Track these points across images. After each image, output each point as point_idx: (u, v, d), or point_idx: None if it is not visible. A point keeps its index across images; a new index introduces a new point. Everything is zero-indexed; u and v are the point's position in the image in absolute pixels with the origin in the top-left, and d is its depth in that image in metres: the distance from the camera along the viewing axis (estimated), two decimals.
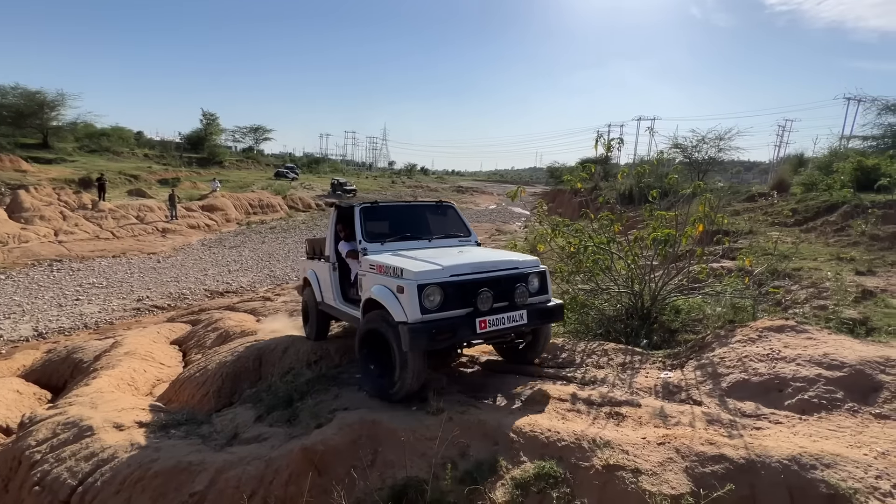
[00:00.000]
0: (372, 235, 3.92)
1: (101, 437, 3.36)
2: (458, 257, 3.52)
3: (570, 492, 2.36)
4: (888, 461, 2.03)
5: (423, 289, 3.02)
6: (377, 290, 3.32)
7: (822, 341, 3.11)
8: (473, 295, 3.17)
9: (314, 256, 5.22)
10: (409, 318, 3.02)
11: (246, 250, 16.84)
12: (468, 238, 4.42)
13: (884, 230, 7.46)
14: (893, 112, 17.92)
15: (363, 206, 4.08)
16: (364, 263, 3.67)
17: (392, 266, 3.30)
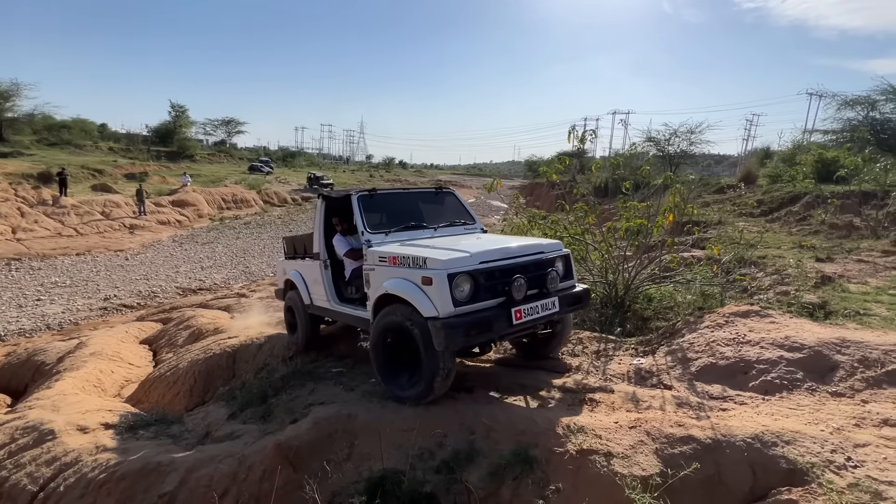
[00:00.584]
0: (374, 226, 3.55)
1: (64, 440, 3.22)
2: (480, 243, 3.21)
3: (545, 476, 2.40)
4: (842, 436, 2.13)
5: (454, 278, 2.73)
6: (394, 283, 3.00)
7: (784, 325, 3.24)
8: (505, 283, 2.91)
9: (296, 255, 4.81)
10: (440, 312, 2.71)
11: (219, 246, 16.41)
12: (473, 225, 4.08)
13: (841, 219, 7.82)
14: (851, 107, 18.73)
15: (361, 194, 3.70)
16: (371, 256, 3.32)
17: (412, 256, 2.97)
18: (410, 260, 2.98)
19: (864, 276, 4.53)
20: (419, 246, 3.26)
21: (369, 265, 3.33)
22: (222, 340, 5.40)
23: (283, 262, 5.15)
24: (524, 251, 3.16)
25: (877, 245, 5.78)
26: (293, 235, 5.13)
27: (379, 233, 3.51)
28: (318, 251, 4.12)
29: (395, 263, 3.08)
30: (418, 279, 2.85)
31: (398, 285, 2.97)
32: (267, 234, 18.96)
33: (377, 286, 3.19)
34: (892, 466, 1.91)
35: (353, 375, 3.80)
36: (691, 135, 21.61)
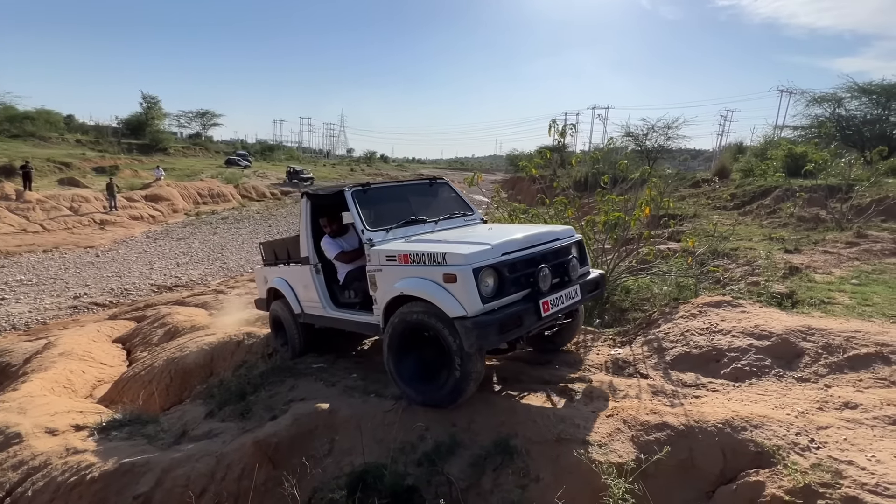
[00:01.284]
0: (372, 223, 3.30)
1: (32, 443, 3.12)
2: (496, 234, 3.01)
3: (525, 466, 2.43)
4: (807, 419, 2.23)
5: (479, 273, 2.56)
6: (411, 284, 2.78)
7: (754, 314, 3.35)
8: (529, 274, 2.78)
9: (277, 261, 4.48)
10: (468, 311, 2.53)
11: (196, 242, 16.00)
12: (472, 216, 3.89)
13: (809, 212, 8.12)
14: (819, 104, 19.42)
15: (355, 189, 3.44)
16: (375, 256, 3.08)
17: (427, 253, 2.76)
18: (426, 257, 2.76)
19: (829, 267, 4.72)
20: (430, 241, 3.08)
21: (374, 266, 3.08)
22: (199, 338, 5.28)
23: (262, 269, 4.81)
24: (542, 239, 3.01)
25: (841, 237, 6.02)
26: (272, 240, 4.75)
27: (379, 230, 3.27)
28: (308, 255, 3.83)
29: (407, 262, 2.86)
30: (439, 277, 2.65)
31: (416, 285, 2.76)
32: (245, 230, 18.58)
33: (386, 288, 2.97)
34: (851, 447, 2.00)
35: (334, 371, 3.77)
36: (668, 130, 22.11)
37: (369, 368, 3.88)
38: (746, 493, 1.97)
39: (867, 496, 1.73)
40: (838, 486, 1.79)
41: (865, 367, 2.59)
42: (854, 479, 1.80)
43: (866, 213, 7.11)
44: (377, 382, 3.42)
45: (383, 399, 3.09)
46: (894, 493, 1.71)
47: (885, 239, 5.65)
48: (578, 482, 2.26)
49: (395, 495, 2.43)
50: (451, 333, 2.60)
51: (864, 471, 1.84)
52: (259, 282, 4.93)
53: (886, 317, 3.18)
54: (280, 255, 4.45)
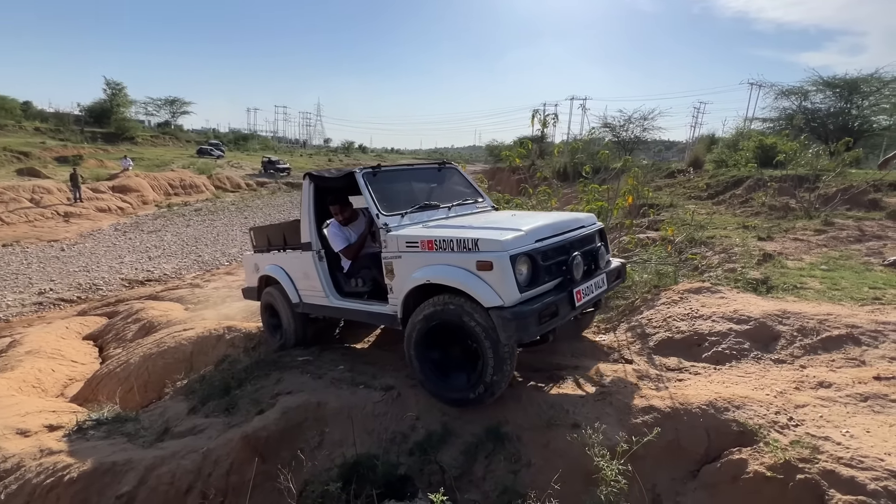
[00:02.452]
0: (386, 208, 3.11)
1: (2, 445, 2.97)
2: (521, 220, 2.86)
3: (516, 451, 2.47)
4: (785, 399, 2.33)
5: (516, 261, 2.43)
6: (439, 271, 2.63)
7: (733, 299, 3.47)
8: (562, 262, 2.68)
9: (271, 247, 4.25)
10: (505, 300, 2.40)
11: (168, 235, 15.48)
12: (483, 202, 3.74)
13: (779, 201, 8.41)
14: (787, 97, 20.10)
15: (365, 171, 3.27)
16: (393, 242, 2.91)
17: (455, 238, 2.60)
18: (454, 243, 2.60)
19: (800, 254, 4.92)
20: (455, 227, 2.92)
21: (392, 252, 2.91)
22: (177, 333, 5.13)
23: (252, 256, 4.57)
24: (570, 226, 2.92)
25: (810, 225, 6.27)
26: (265, 225, 4.54)
27: (394, 214, 3.08)
28: (310, 240, 3.62)
29: (432, 248, 2.69)
30: (471, 265, 2.50)
31: (444, 273, 2.60)
32: (220, 221, 18.08)
33: (406, 276, 2.81)
34: (827, 424, 2.10)
35: (321, 363, 3.72)
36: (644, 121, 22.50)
37: (356, 360, 3.84)
38: (730, 471, 2.05)
39: (843, 469, 1.82)
40: (816, 461, 1.88)
41: (837, 348, 2.71)
42: (830, 454, 1.89)
43: (832, 202, 7.42)
44: (365, 374, 3.39)
45: (372, 390, 3.08)
46: (868, 465, 1.81)
47: (850, 227, 5.92)
48: (569, 465, 2.31)
49: (389, 484, 2.43)
50: (484, 326, 2.47)
51: (839, 446, 1.93)
52: (248, 269, 4.67)
53: (854, 300, 3.33)
54: (274, 241, 4.22)
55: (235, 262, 12.18)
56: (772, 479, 1.91)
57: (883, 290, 3.51)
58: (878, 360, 2.54)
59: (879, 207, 7.10)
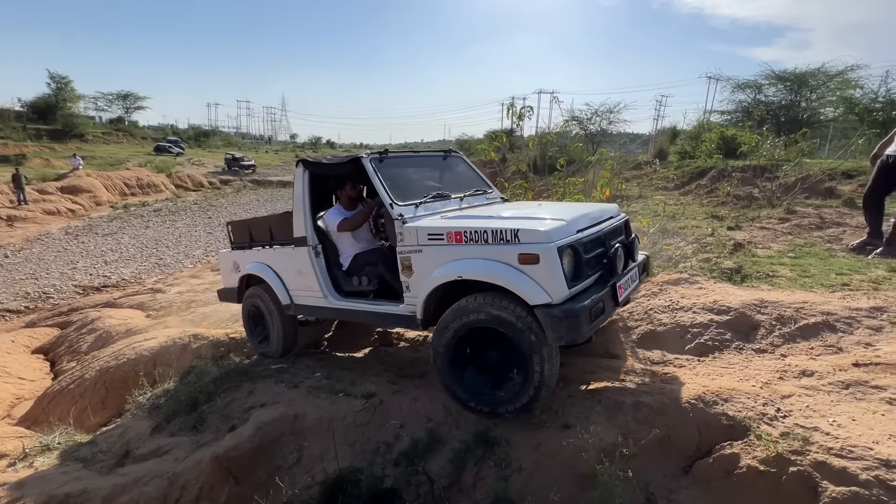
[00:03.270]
0: (400, 197, 2.86)
1: None
2: (553, 210, 2.67)
3: (507, 456, 2.38)
4: (770, 389, 2.34)
5: (562, 253, 2.22)
6: (471, 266, 2.40)
7: (711, 290, 3.50)
8: (602, 255, 2.52)
9: (253, 244, 3.92)
10: (553, 297, 2.18)
11: (125, 237, 14.63)
12: (493, 193, 3.56)
13: (743, 191, 8.71)
14: (743, 90, 20.99)
15: (373, 156, 3.03)
16: (411, 234, 2.65)
17: (491, 229, 2.37)
18: (489, 234, 2.36)
19: (768, 242, 5.06)
20: (482, 217, 2.67)
21: (410, 246, 2.65)
22: (138, 343, 4.80)
23: (230, 253, 4.17)
24: (602, 216, 2.77)
25: (773, 213, 6.50)
26: (247, 219, 4.17)
27: (408, 205, 2.83)
28: (305, 234, 3.33)
29: (461, 240, 2.46)
30: (511, 258, 2.27)
31: (481, 268, 2.36)
32: (182, 222, 17.25)
33: (428, 272, 2.56)
34: (814, 413, 2.11)
35: (296, 371, 3.54)
36: (610, 114, 23.02)
37: (334, 365, 3.68)
38: (723, 466, 2.03)
39: (834, 460, 1.82)
40: (808, 453, 1.88)
41: (815, 336, 2.76)
42: (821, 445, 1.90)
43: (792, 190, 7.73)
44: (343, 380, 3.24)
45: (353, 398, 2.93)
46: (858, 455, 1.81)
47: (810, 214, 6.16)
48: (561, 468, 2.25)
49: (374, 499, 2.30)
50: (529, 327, 2.26)
51: (828, 436, 1.94)
52: (225, 269, 4.27)
53: (825, 287, 3.43)
54: (258, 237, 3.88)
55: (201, 265, 11.64)
56: (765, 473, 1.90)
57: (849, 276, 3.62)
58: (855, 347, 2.60)
59: (835, 195, 7.45)
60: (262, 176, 32.06)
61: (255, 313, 3.93)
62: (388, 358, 3.85)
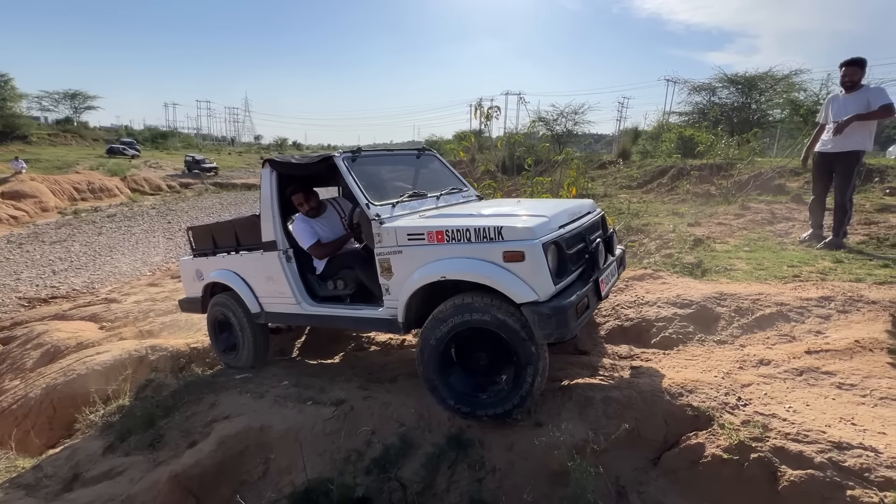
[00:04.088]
0: (375, 197, 2.78)
1: None
2: (533, 206, 2.67)
3: (480, 458, 2.37)
4: (731, 379, 2.42)
5: (547, 250, 2.21)
6: (455, 266, 2.35)
7: (674, 285, 3.61)
8: (581, 251, 2.53)
9: (218, 250, 3.75)
10: (540, 294, 2.17)
11: (76, 245, 13.79)
12: (468, 191, 3.53)
13: (701, 188, 9.08)
14: (698, 92, 21.96)
15: (345, 155, 2.92)
16: (389, 235, 2.58)
17: (475, 227, 2.33)
18: (471, 232, 2.33)
19: (725, 237, 5.28)
20: (462, 216, 2.62)
21: (389, 247, 2.58)
22: (89, 357, 4.51)
23: (192, 261, 3.96)
24: (581, 211, 2.78)
25: (729, 209, 6.80)
26: (209, 223, 4.01)
27: (385, 204, 2.76)
28: (274, 238, 3.20)
29: (443, 240, 2.41)
30: (496, 256, 2.24)
31: (465, 267, 2.32)
32: (139, 228, 16.43)
33: (409, 274, 2.51)
34: (771, 401, 2.20)
35: (262, 380, 3.41)
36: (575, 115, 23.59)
37: (302, 373, 3.57)
38: (689, 455, 2.08)
39: (791, 445, 1.89)
40: (767, 439, 1.95)
41: (770, 326, 2.89)
42: (779, 431, 1.97)
43: (746, 187, 8.12)
44: (312, 388, 3.14)
45: (321, 406, 2.84)
46: (812, 438, 1.90)
47: (763, 210, 6.48)
48: (534, 467, 2.25)
49: None
50: (517, 325, 2.25)
51: (785, 421, 2.02)
52: (187, 277, 4.07)
53: (778, 278, 3.60)
54: (222, 242, 3.70)
55: (160, 272, 11.10)
56: (728, 461, 1.96)
57: (799, 268, 3.82)
58: (807, 335, 2.74)
59: (784, 191, 7.87)
60: (224, 178, 30.99)
61: (222, 323, 3.76)
62: (358, 363, 3.78)
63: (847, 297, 2.99)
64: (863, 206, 6.07)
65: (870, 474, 1.71)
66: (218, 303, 3.72)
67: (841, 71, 4.41)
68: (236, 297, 3.55)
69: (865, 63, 4.33)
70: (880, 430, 1.92)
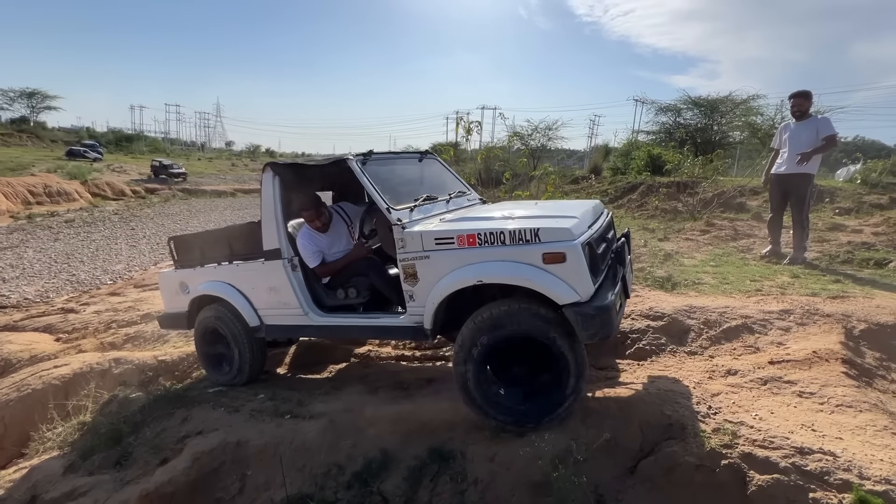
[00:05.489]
0: (392, 201, 2.70)
1: None
2: (557, 208, 2.66)
3: (462, 470, 2.38)
4: (702, 389, 2.54)
5: (585, 250, 2.20)
6: (493, 269, 2.30)
7: (647, 297, 3.75)
8: (607, 250, 2.55)
9: (206, 261, 3.53)
10: (582, 294, 2.16)
11: (29, 251, 13.02)
12: (472, 195, 3.50)
13: (669, 204, 9.48)
14: (665, 113, 23.02)
15: (359, 157, 2.85)
16: (414, 240, 2.50)
17: (509, 230, 2.29)
18: (506, 235, 2.29)
19: (692, 252, 5.53)
20: (488, 218, 2.55)
21: (415, 253, 2.49)
22: (45, 371, 4.26)
23: (175, 273, 3.73)
24: (599, 211, 2.80)
25: (696, 225, 7.13)
26: (196, 233, 3.81)
27: (404, 208, 2.70)
28: (279, 246, 3.05)
29: (475, 244, 2.36)
30: (535, 258, 2.21)
31: (504, 270, 2.28)
32: (100, 234, 15.68)
33: (438, 279, 2.44)
34: (739, 409, 2.32)
35: (236, 394, 3.31)
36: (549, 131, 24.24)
37: (278, 385, 3.49)
38: (665, 463, 2.16)
39: (758, 451, 2.00)
40: (736, 446, 2.05)
41: (737, 337, 3.04)
42: (747, 438, 2.08)
43: (710, 205, 8.53)
44: (289, 401, 3.08)
45: (300, 419, 2.79)
46: (777, 444, 2.01)
47: (726, 227, 6.83)
48: (516, 477, 2.27)
49: None
50: (560, 331, 2.23)
51: (752, 429, 2.13)
52: (168, 292, 3.83)
53: (742, 292, 3.80)
54: (212, 253, 3.49)
55: (122, 281, 10.61)
56: (701, 468, 2.05)
57: (761, 282, 4.04)
58: (769, 346, 2.90)
59: (745, 209, 8.31)
60: (193, 184, 30.04)
61: (212, 338, 3.55)
62: (338, 375, 3.72)
63: (805, 310, 3.19)
64: (815, 225, 6.48)
65: (829, 477, 1.82)
66: (208, 317, 3.51)
67: (790, 102, 4.80)
68: (232, 311, 3.36)
69: (811, 95, 4.76)
70: (837, 436, 2.05)
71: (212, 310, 3.50)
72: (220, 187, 29.41)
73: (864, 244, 5.39)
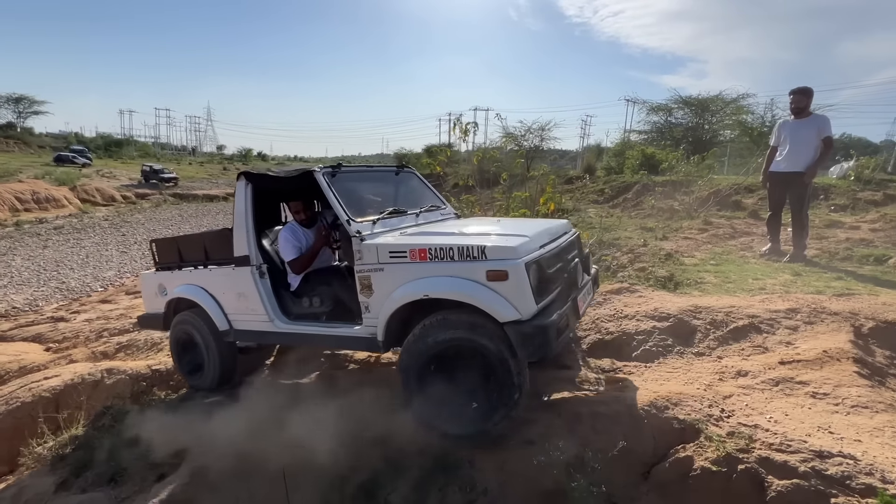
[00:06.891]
0: (356, 213, 2.75)
1: None
2: (515, 226, 2.71)
3: (471, 479, 2.31)
4: (713, 391, 2.49)
5: (529, 269, 2.23)
6: (438, 284, 2.35)
7: (651, 298, 3.71)
8: (564, 270, 2.57)
9: (183, 264, 3.61)
10: (522, 313, 2.21)
11: (17, 259, 12.77)
12: (446, 209, 3.53)
13: (665, 203, 9.49)
14: (656, 112, 23.17)
15: (325, 170, 2.88)
16: (370, 252, 2.55)
17: (458, 246, 2.33)
18: (455, 251, 2.33)
19: (692, 251, 5.51)
20: (444, 234, 2.63)
21: (370, 265, 2.55)
22: (36, 383, 4.13)
23: (155, 275, 3.83)
24: (559, 231, 2.84)
25: (693, 224, 7.12)
26: (175, 236, 3.85)
27: (365, 221, 2.73)
28: (248, 253, 3.11)
29: (426, 258, 2.40)
30: (479, 275, 2.26)
31: (448, 286, 2.32)
32: (90, 240, 15.44)
33: (391, 292, 2.49)
34: (753, 411, 2.27)
35: (233, 404, 3.22)
36: (542, 132, 24.30)
37: (275, 394, 3.39)
38: (679, 468, 2.11)
39: (776, 455, 1.95)
40: (753, 450, 2.00)
41: (744, 338, 3.00)
42: (763, 441, 2.03)
43: (706, 203, 8.55)
44: (289, 410, 2.99)
45: (302, 429, 2.70)
46: (795, 448, 1.96)
47: (724, 225, 6.83)
48: (527, 486, 2.21)
49: None
50: (499, 344, 2.27)
51: (768, 432, 2.08)
52: (148, 292, 3.92)
53: (746, 291, 3.77)
54: (189, 256, 3.56)
55: (113, 288, 10.44)
56: (717, 473, 2.00)
57: (763, 281, 4.02)
58: (778, 346, 2.86)
59: (741, 207, 8.34)
60: (185, 189, 29.76)
61: (186, 341, 3.57)
62: (336, 382, 3.64)
63: (811, 308, 3.16)
64: (813, 223, 6.49)
65: (851, 481, 1.78)
66: (182, 320, 3.56)
67: (790, 98, 4.76)
68: (203, 315, 3.40)
69: (811, 92, 4.72)
70: (856, 438, 2.01)
71: (186, 314, 3.56)
72: (211, 192, 29.14)
73: (863, 241, 5.41)
